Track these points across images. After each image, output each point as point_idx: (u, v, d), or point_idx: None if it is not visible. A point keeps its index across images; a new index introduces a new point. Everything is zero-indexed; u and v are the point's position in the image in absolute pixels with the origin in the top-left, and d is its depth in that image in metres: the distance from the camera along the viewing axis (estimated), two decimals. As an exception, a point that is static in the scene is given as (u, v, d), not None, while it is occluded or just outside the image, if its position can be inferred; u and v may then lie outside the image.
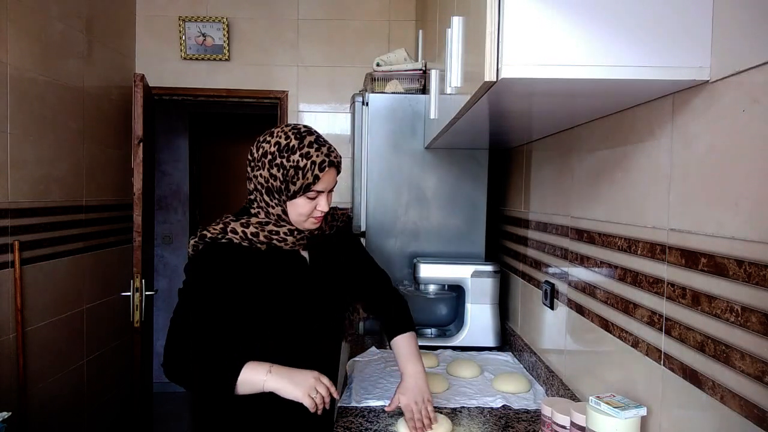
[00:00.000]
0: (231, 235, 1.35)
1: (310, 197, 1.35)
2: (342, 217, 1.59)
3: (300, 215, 1.37)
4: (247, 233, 1.35)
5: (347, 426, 1.50)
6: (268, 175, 1.34)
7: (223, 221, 1.38)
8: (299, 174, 1.32)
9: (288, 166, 1.32)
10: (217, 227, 1.37)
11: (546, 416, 1.36)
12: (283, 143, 1.34)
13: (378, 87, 2.47)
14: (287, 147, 1.33)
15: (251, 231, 1.36)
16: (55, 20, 2.62)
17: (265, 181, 1.35)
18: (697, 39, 0.95)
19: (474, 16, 1.08)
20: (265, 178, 1.35)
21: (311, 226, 1.40)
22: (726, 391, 0.91)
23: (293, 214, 1.37)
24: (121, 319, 3.15)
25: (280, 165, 1.32)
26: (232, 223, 1.37)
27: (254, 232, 1.36)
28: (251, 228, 1.36)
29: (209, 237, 1.36)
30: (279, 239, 1.37)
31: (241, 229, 1.36)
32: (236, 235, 1.35)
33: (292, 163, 1.32)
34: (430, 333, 2.39)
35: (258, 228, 1.36)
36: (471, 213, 2.43)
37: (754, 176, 0.86)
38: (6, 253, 2.30)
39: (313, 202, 1.36)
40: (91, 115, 2.92)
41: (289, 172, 1.32)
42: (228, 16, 3.37)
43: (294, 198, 1.35)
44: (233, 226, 1.36)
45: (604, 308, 1.38)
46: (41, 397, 2.49)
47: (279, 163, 1.32)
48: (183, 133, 4.79)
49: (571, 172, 1.65)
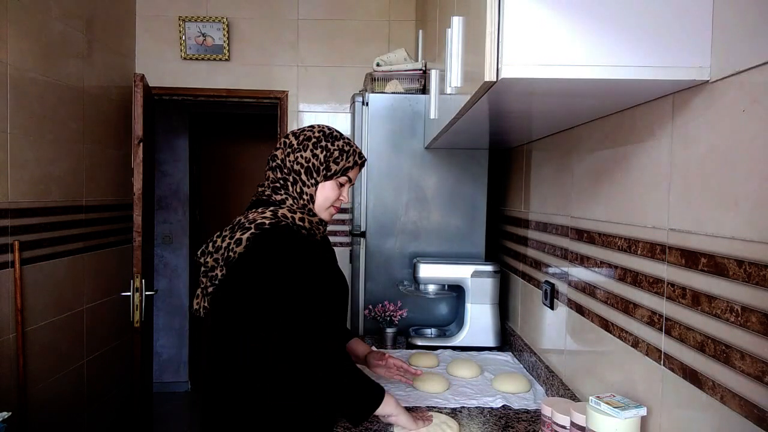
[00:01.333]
0: (284, 220, 1.37)
1: (341, 182, 1.47)
2: None
3: (326, 199, 1.46)
4: (295, 218, 1.39)
5: (347, 426, 1.50)
6: (311, 155, 1.43)
7: (268, 209, 1.37)
8: (343, 156, 1.45)
9: (332, 149, 1.45)
10: (266, 214, 1.36)
11: (546, 416, 1.36)
12: (327, 132, 1.48)
13: (378, 87, 2.47)
14: (332, 135, 1.47)
15: (299, 216, 1.40)
16: (55, 20, 2.62)
17: (306, 161, 1.43)
18: (697, 39, 0.95)
19: (474, 16, 1.08)
20: (306, 159, 1.43)
21: (328, 216, 1.50)
22: (726, 391, 0.91)
23: (320, 198, 1.45)
24: (121, 319, 3.15)
25: (325, 147, 1.44)
26: (280, 209, 1.38)
27: (301, 218, 1.40)
28: (298, 213, 1.40)
29: (268, 223, 1.33)
30: (316, 227, 1.45)
31: (290, 214, 1.39)
32: (287, 220, 1.38)
33: (336, 147, 1.45)
34: (430, 333, 2.39)
35: (305, 214, 1.41)
36: (471, 213, 2.43)
37: (754, 176, 0.86)
38: (6, 253, 2.30)
39: (339, 191, 1.48)
40: (91, 115, 2.92)
41: (333, 153, 1.44)
42: (228, 16, 3.37)
43: (330, 179, 1.45)
44: (282, 212, 1.38)
45: (604, 308, 1.38)
46: (41, 397, 2.49)
47: (324, 146, 1.44)
48: (183, 133, 4.79)
49: (571, 172, 1.65)
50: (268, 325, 1.26)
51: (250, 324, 1.29)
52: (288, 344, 1.25)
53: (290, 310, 1.26)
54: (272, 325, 1.25)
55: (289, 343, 1.25)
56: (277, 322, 1.25)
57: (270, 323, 1.26)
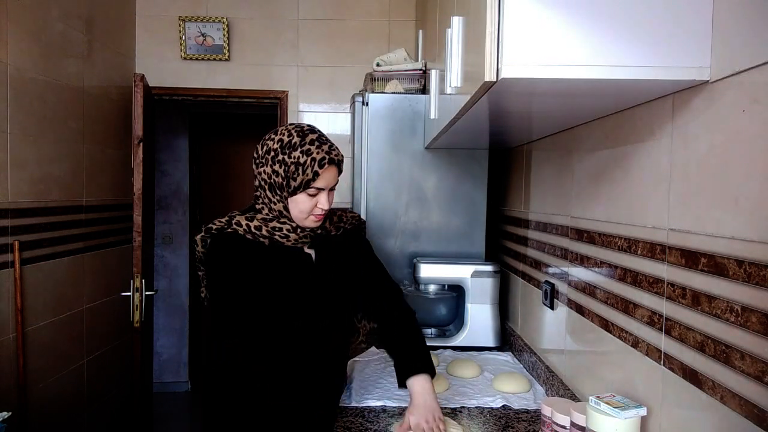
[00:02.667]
0: (235, 226, 1.40)
1: (311, 194, 1.38)
2: (351, 220, 1.58)
3: (301, 212, 1.39)
4: (251, 226, 1.40)
5: (347, 426, 1.50)
6: (271, 171, 1.38)
7: (228, 215, 1.44)
8: (299, 170, 1.35)
9: (289, 163, 1.35)
10: (222, 220, 1.42)
11: (546, 416, 1.36)
12: (285, 140, 1.37)
13: (378, 87, 2.47)
14: (289, 144, 1.37)
15: (255, 224, 1.40)
16: (55, 20, 2.62)
17: (268, 177, 1.38)
18: (697, 39, 0.95)
19: (474, 16, 1.08)
20: (268, 174, 1.38)
21: (312, 224, 1.42)
22: (726, 391, 0.91)
23: (294, 211, 1.40)
24: (121, 319, 3.15)
25: (282, 161, 1.36)
26: (237, 216, 1.42)
27: (257, 226, 1.40)
28: (255, 222, 1.40)
29: (215, 228, 1.41)
30: (281, 235, 1.41)
31: (245, 222, 1.40)
32: (240, 227, 1.40)
33: (293, 160, 1.35)
34: (430, 333, 2.39)
35: (261, 222, 1.40)
36: (471, 213, 2.43)
37: (754, 176, 0.86)
38: (6, 253, 2.30)
39: (314, 200, 1.38)
40: (91, 115, 2.92)
41: (290, 168, 1.35)
42: (228, 16, 3.37)
43: (295, 194, 1.38)
44: (238, 219, 1.41)
45: (604, 308, 1.38)
46: (41, 397, 2.49)
47: (281, 160, 1.36)
48: (183, 133, 4.79)
49: (571, 172, 1.65)
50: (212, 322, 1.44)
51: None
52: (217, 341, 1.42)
53: (217, 311, 1.40)
54: (213, 322, 1.42)
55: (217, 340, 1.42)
56: (215, 321, 1.42)
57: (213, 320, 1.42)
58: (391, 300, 1.62)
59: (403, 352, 1.52)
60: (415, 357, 1.50)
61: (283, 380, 1.40)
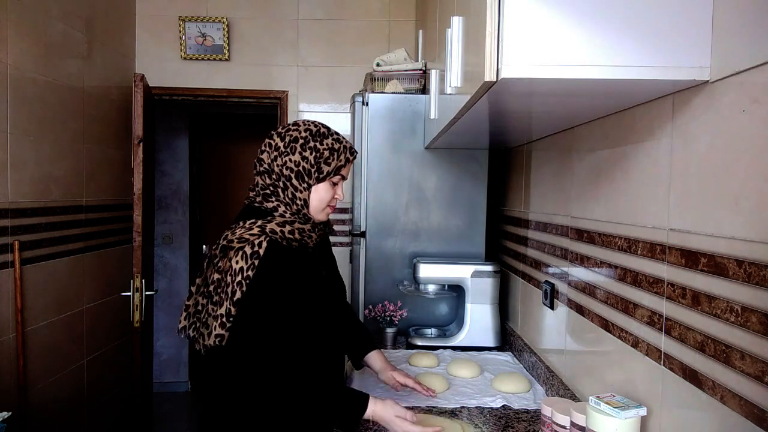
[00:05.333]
0: (271, 235, 1.31)
1: (334, 182, 1.41)
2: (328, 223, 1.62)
3: (321, 201, 1.40)
4: (284, 232, 1.33)
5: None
6: (300, 158, 1.36)
7: (254, 225, 1.32)
8: (333, 155, 1.38)
9: (321, 149, 1.38)
10: (253, 232, 1.31)
11: (546, 416, 1.36)
12: (314, 130, 1.40)
13: (378, 87, 2.47)
14: (319, 133, 1.40)
15: (288, 230, 1.34)
16: (55, 20, 2.62)
17: (296, 165, 1.36)
18: (697, 39, 0.95)
19: (474, 16, 1.08)
20: (295, 162, 1.36)
21: (325, 216, 1.45)
22: (726, 391, 0.91)
23: (314, 201, 1.40)
24: (121, 319, 3.15)
25: (314, 148, 1.37)
26: (268, 225, 1.32)
27: (290, 230, 1.34)
28: (287, 227, 1.34)
29: (260, 240, 1.29)
30: (307, 236, 1.39)
31: (279, 228, 1.33)
32: (276, 235, 1.32)
33: (326, 146, 1.38)
34: (430, 333, 2.39)
35: (291, 226, 1.35)
36: (471, 213, 2.43)
37: (754, 176, 0.86)
38: (6, 253, 2.30)
39: (333, 190, 1.42)
40: (91, 115, 2.92)
41: (323, 154, 1.38)
42: (228, 16, 3.37)
43: (324, 180, 1.39)
44: (270, 227, 1.32)
45: (604, 308, 1.38)
46: (41, 397, 2.49)
47: (312, 146, 1.37)
48: (183, 133, 4.79)
49: (571, 172, 1.65)
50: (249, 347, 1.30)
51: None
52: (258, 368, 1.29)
53: (262, 337, 1.30)
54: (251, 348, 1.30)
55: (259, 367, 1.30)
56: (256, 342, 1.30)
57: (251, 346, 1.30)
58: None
59: (351, 338, 1.70)
60: (362, 338, 1.72)
61: (321, 385, 1.39)
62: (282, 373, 1.30)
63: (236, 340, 1.27)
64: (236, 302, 1.26)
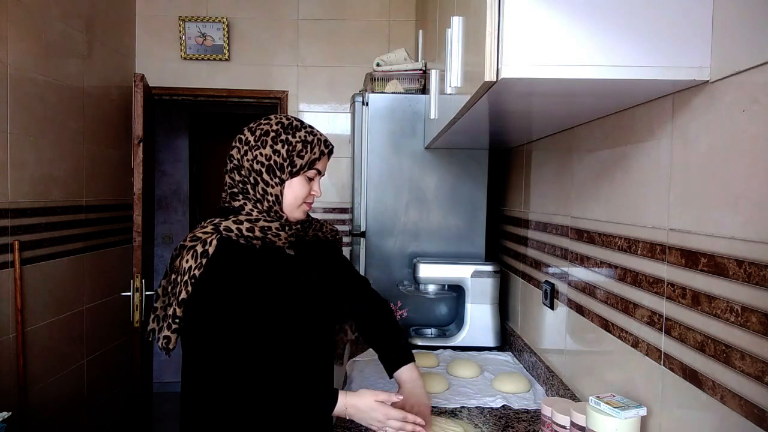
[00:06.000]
0: (225, 233, 1.26)
1: (309, 176, 1.35)
2: (329, 232, 1.53)
3: (296, 198, 1.33)
4: (241, 229, 1.27)
5: (347, 426, 1.50)
6: (271, 152, 1.31)
7: (210, 223, 1.29)
8: (306, 147, 1.32)
9: (294, 141, 1.32)
10: (207, 229, 1.27)
11: (546, 416, 1.36)
12: (286, 123, 1.35)
13: (378, 87, 2.47)
14: (290, 126, 1.34)
15: (246, 227, 1.28)
16: (55, 20, 2.62)
17: (267, 159, 1.31)
18: (697, 39, 0.95)
19: (474, 16, 1.08)
20: (266, 156, 1.31)
21: (302, 214, 1.37)
22: (726, 391, 0.91)
23: (289, 197, 1.33)
24: (121, 319, 3.15)
25: (285, 141, 1.31)
26: (223, 222, 1.28)
27: (249, 228, 1.28)
28: (245, 224, 1.28)
29: (210, 238, 1.25)
30: (273, 235, 1.31)
31: (235, 226, 1.27)
32: (231, 232, 1.27)
33: (298, 139, 1.32)
34: (430, 333, 2.39)
35: (251, 223, 1.29)
36: (471, 213, 2.43)
37: (754, 176, 0.86)
38: (6, 253, 2.30)
39: (309, 185, 1.35)
40: (91, 115, 2.92)
41: (296, 146, 1.31)
42: (228, 16, 3.37)
43: (297, 174, 1.32)
44: (225, 224, 1.27)
45: (604, 308, 1.38)
46: (41, 397, 2.49)
47: (284, 139, 1.31)
48: (183, 133, 4.79)
49: (571, 172, 1.65)
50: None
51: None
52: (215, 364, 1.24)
53: (216, 336, 1.25)
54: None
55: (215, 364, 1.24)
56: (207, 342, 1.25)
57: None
58: (361, 287, 1.63)
59: (385, 345, 1.56)
60: (397, 348, 1.54)
61: (281, 383, 1.30)
62: (231, 373, 1.24)
63: (184, 342, 1.25)
64: (181, 302, 1.24)
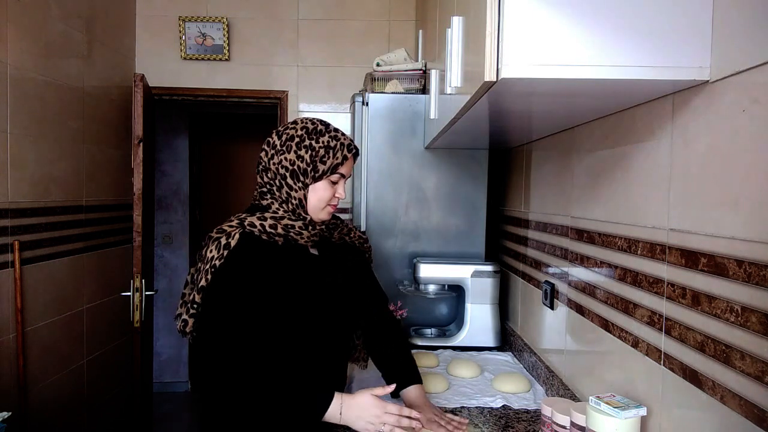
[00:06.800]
0: (249, 228, 1.34)
1: (333, 180, 1.39)
2: (358, 238, 1.59)
3: (320, 200, 1.38)
4: (265, 225, 1.35)
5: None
6: (295, 157, 1.36)
7: (237, 217, 1.37)
8: (329, 153, 1.36)
9: (317, 147, 1.36)
10: (232, 223, 1.35)
11: (546, 416, 1.36)
12: (310, 128, 1.39)
13: (378, 87, 2.47)
14: (315, 131, 1.38)
15: (269, 223, 1.35)
16: (55, 20, 2.62)
17: (291, 164, 1.36)
18: (697, 39, 0.95)
19: (474, 16, 1.08)
20: (291, 161, 1.36)
21: (326, 215, 1.42)
22: (726, 391, 0.91)
23: (313, 200, 1.38)
24: (121, 319, 3.15)
25: (309, 146, 1.36)
26: (248, 217, 1.36)
27: (272, 224, 1.35)
28: (268, 221, 1.35)
29: (235, 232, 1.32)
30: (295, 233, 1.37)
31: (258, 222, 1.35)
32: (254, 228, 1.34)
33: (322, 144, 1.36)
34: (430, 333, 2.39)
35: (275, 221, 1.36)
36: (471, 213, 2.43)
37: (753, 176, 0.86)
38: (6, 253, 2.30)
39: (333, 188, 1.40)
40: (91, 115, 2.92)
41: (319, 152, 1.36)
42: (228, 16, 3.37)
43: (320, 179, 1.37)
44: (250, 219, 1.35)
45: (604, 308, 1.38)
46: (41, 397, 2.49)
47: (308, 145, 1.36)
48: (183, 133, 4.79)
49: (571, 172, 1.65)
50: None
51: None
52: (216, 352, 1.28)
53: (223, 325, 1.29)
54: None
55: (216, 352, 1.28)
56: (214, 330, 1.29)
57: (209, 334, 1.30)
58: (380, 307, 1.67)
59: (394, 365, 1.59)
60: (405, 368, 1.58)
61: (278, 374, 1.34)
62: (238, 362, 1.27)
63: (199, 327, 1.30)
64: (200, 289, 1.30)
